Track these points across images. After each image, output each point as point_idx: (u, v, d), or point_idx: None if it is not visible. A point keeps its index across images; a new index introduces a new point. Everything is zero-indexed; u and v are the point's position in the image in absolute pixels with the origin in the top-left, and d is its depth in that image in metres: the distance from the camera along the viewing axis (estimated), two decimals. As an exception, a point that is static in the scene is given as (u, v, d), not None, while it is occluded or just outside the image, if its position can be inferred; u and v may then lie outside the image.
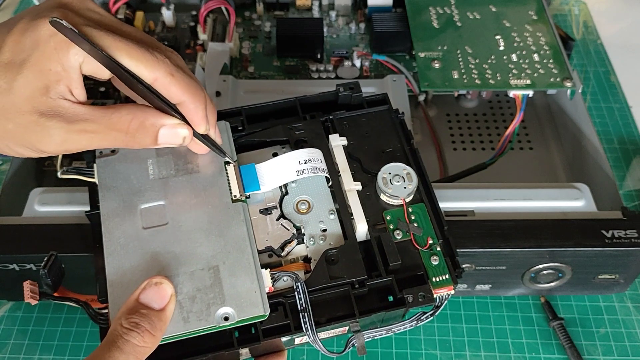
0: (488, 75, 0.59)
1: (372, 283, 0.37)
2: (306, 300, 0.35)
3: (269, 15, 0.72)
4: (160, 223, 0.38)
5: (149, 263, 0.36)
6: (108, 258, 0.36)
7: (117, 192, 0.39)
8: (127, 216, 0.38)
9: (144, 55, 0.34)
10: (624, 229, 0.47)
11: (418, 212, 0.40)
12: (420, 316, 0.38)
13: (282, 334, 0.35)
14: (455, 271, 0.37)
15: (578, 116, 0.60)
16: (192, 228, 0.37)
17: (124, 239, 0.37)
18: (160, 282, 0.34)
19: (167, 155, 0.40)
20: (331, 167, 0.41)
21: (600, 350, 0.51)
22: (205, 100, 0.37)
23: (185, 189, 0.39)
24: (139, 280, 0.34)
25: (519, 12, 0.65)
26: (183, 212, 0.38)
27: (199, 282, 0.35)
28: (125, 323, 0.32)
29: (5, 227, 0.46)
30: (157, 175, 0.40)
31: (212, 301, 0.34)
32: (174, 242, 0.37)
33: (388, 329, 0.38)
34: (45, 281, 0.35)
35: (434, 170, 0.59)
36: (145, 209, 0.38)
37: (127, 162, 0.40)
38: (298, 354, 0.51)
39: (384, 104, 0.45)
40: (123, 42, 0.34)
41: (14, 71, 0.33)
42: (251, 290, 0.35)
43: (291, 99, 0.45)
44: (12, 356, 0.50)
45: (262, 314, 0.34)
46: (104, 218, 0.38)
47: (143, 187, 0.39)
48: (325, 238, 0.39)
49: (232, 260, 0.36)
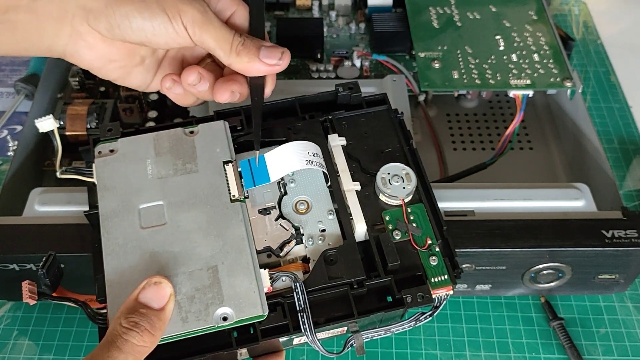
0: (488, 75, 0.59)
1: (371, 283, 0.37)
2: (305, 300, 0.35)
3: (269, 15, 0.72)
4: (158, 223, 0.37)
5: (148, 263, 0.36)
6: (107, 258, 0.36)
7: (115, 192, 0.39)
8: (125, 216, 0.38)
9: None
10: (624, 229, 0.47)
11: (417, 212, 0.40)
12: (419, 316, 0.38)
13: (280, 334, 0.35)
14: (455, 271, 0.37)
15: (578, 116, 0.60)
16: (190, 228, 0.37)
17: (123, 239, 0.37)
18: (159, 281, 0.34)
19: (166, 155, 0.40)
20: (330, 167, 0.41)
21: (600, 350, 0.51)
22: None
23: (183, 189, 0.39)
24: (138, 280, 0.34)
25: (519, 12, 0.65)
26: (182, 212, 0.38)
27: (197, 282, 0.35)
28: (124, 322, 0.32)
29: (5, 227, 0.46)
30: (155, 175, 0.40)
31: (210, 301, 0.34)
32: (172, 242, 0.37)
33: (387, 329, 0.38)
34: (44, 281, 0.35)
35: (434, 170, 0.59)
36: (144, 209, 0.38)
37: (126, 162, 0.40)
38: (298, 354, 0.51)
39: (383, 104, 0.45)
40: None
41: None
42: (250, 290, 0.35)
43: (290, 99, 0.45)
44: (12, 356, 0.51)
45: (260, 314, 0.34)
46: (103, 218, 0.38)
47: (142, 187, 0.39)
48: (324, 238, 0.38)
49: (231, 261, 0.36)
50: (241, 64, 0.40)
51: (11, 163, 0.54)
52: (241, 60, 0.39)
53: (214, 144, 0.41)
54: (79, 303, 0.35)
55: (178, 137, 0.41)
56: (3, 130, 0.67)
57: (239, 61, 0.40)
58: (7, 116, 0.67)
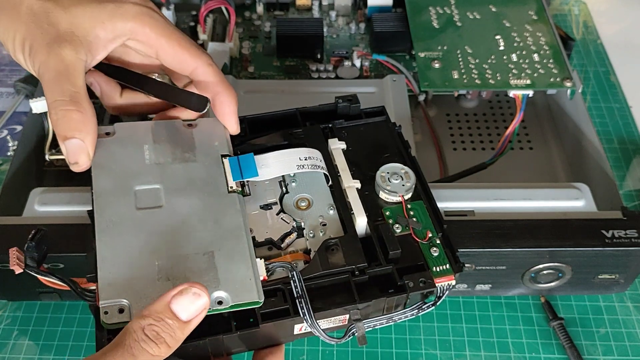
0: (488, 75, 0.59)
1: (372, 271, 0.37)
2: (302, 287, 0.35)
3: (269, 15, 0.72)
4: (155, 205, 0.37)
5: (143, 243, 0.35)
6: (99, 234, 0.35)
7: (111, 173, 0.38)
8: (120, 196, 0.37)
9: (191, 46, 0.40)
10: (624, 229, 0.47)
11: (417, 208, 0.40)
12: (422, 305, 0.38)
13: (281, 318, 0.35)
14: (457, 264, 0.38)
15: (578, 116, 0.60)
16: (187, 213, 0.37)
17: (117, 218, 0.36)
18: (199, 293, 0.32)
19: (164, 143, 0.40)
20: (331, 169, 0.42)
21: (600, 350, 0.51)
22: (236, 95, 0.41)
23: (181, 176, 0.38)
24: (133, 259, 0.33)
25: (519, 12, 0.65)
26: (179, 198, 0.37)
27: (193, 265, 0.34)
28: (147, 330, 0.30)
29: (5, 227, 0.46)
30: (153, 160, 0.39)
31: (206, 284, 0.33)
32: (168, 225, 0.36)
33: (389, 318, 0.38)
34: (30, 254, 0.34)
35: (434, 170, 0.59)
36: (140, 191, 0.37)
37: (123, 145, 0.39)
38: (298, 353, 0.51)
39: (382, 114, 0.46)
40: (178, 33, 0.40)
41: None
42: (246, 277, 0.34)
43: (292, 110, 0.45)
44: (12, 356, 0.50)
45: (256, 300, 0.34)
46: (97, 196, 0.37)
47: (139, 170, 0.38)
48: (325, 231, 0.39)
49: (228, 248, 0.35)
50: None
51: (11, 163, 0.54)
52: None
53: (212, 138, 0.41)
54: (66, 281, 0.34)
55: (177, 128, 0.41)
56: (3, 130, 0.67)
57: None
58: (7, 116, 0.67)
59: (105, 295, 0.33)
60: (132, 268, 0.34)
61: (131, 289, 0.33)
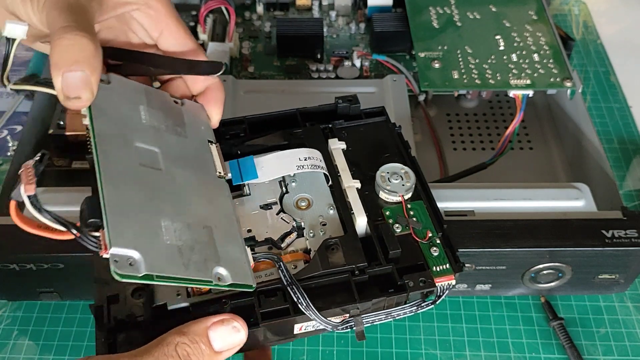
0: (488, 75, 0.59)
1: (372, 270, 0.37)
2: (290, 275, 0.35)
3: (269, 15, 0.72)
4: (155, 167, 0.35)
5: (148, 200, 0.33)
6: (105, 178, 0.32)
7: (111, 120, 0.35)
8: (122, 146, 0.34)
9: (191, 35, 0.40)
10: (624, 229, 0.47)
11: (417, 208, 0.40)
12: (420, 303, 0.38)
13: (281, 318, 0.35)
14: (457, 264, 0.38)
15: (578, 116, 0.60)
16: (185, 184, 0.36)
17: (122, 167, 0.33)
18: (238, 328, 0.32)
19: (158, 110, 0.38)
20: (331, 169, 0.42)
21: (600, 350, 0.51)
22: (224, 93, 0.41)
23: (176, 147, 0.37)
24: (140, 214, 0.31)
25: (519, 12, 0.65)
26: (175, 167, 0.36)
27: (196, 235, 0.34)
28: (179, 348, 0.30)
29: (5, 227, 0.46)
30: (149, 122, 0.37)
31: (208, 257, 0.33)
32: (170, 189, 0.35)
33: (387, 314, 0.38)
34: (37, 170, 0.32)
35: (434, 170, 0.59)
36: (141, 149, 0.35)
37: (120, 97, 0.37)
38: (298, 353, 0.51)
39: (382, 115, 0.46)
40: (182, 20, 0.40)
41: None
42: (241, 260, 0.34)
43: (292, 110, 0.45)
44: (12, 356, 0.50)
45: (250, 284, 0.34)
46: (99, 138, 0.33)
47: (137, 126, 0.36)
48: (325, 231, 0.39)
49: (223, 229, 0.35)
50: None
51: (11, 163, 0.54)
52: None
53: (198, 122, 0.40)
54: (68, 224, 0.31)
55: (167, 101, 0.40)
56: (3, 130, 0.67)
57: None
58: (7, 116, 0.67)
59: (116, 242, 0.30)
60: (140, 223, 0.31)
61: (141, 244, 0.30)
